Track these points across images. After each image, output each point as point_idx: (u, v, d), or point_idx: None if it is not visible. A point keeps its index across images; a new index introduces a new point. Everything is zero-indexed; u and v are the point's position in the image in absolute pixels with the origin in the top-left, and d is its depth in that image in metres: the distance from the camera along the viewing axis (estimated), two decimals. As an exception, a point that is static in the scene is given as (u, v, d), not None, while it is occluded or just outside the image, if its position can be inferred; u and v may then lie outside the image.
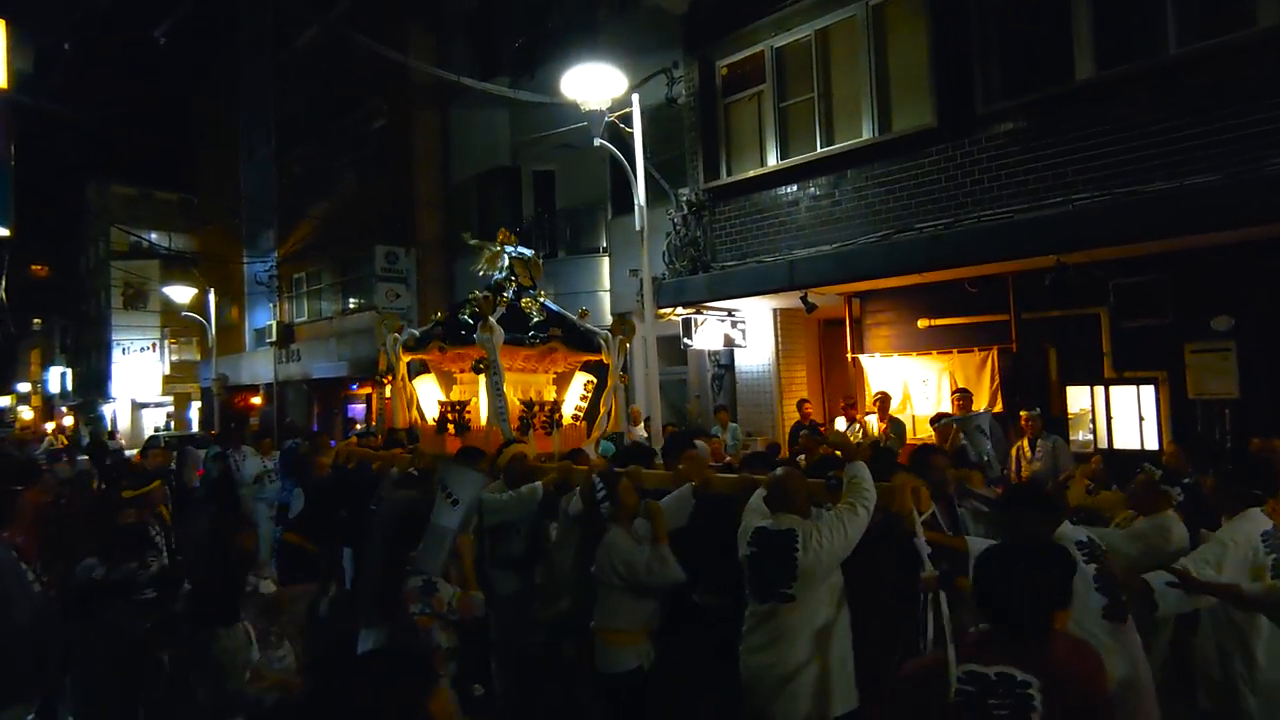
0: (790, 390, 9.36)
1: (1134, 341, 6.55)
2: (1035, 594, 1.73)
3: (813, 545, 2.78)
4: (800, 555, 2.78)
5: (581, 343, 5.54)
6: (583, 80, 7.48)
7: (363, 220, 15.11)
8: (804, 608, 2.81)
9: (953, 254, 6.76)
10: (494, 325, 4.91)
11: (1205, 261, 6.03)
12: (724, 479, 3.61)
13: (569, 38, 11.17)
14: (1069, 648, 1.77)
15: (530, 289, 5.65)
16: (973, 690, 1.70)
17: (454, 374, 5.66)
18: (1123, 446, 6.68)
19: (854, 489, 2.93)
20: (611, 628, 3.30)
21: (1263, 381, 5.94)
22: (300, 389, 18.21)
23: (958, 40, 6.89)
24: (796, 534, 2.82)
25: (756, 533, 2.93)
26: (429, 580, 3.14)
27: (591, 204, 11.56)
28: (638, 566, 3.19)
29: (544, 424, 5.34)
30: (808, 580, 2.78)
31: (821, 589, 2.83)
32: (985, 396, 7.19)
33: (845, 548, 2.82)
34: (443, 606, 3.09)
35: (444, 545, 3.21)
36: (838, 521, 2.85)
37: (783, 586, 2.80)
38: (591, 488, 3.47)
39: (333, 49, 15.44)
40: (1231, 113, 5.49)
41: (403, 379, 5.68)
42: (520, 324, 5.28)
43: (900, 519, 2.89)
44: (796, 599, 2.80)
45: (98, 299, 32.14)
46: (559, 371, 5.76)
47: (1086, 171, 6.13)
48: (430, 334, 5.53)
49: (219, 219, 21.80)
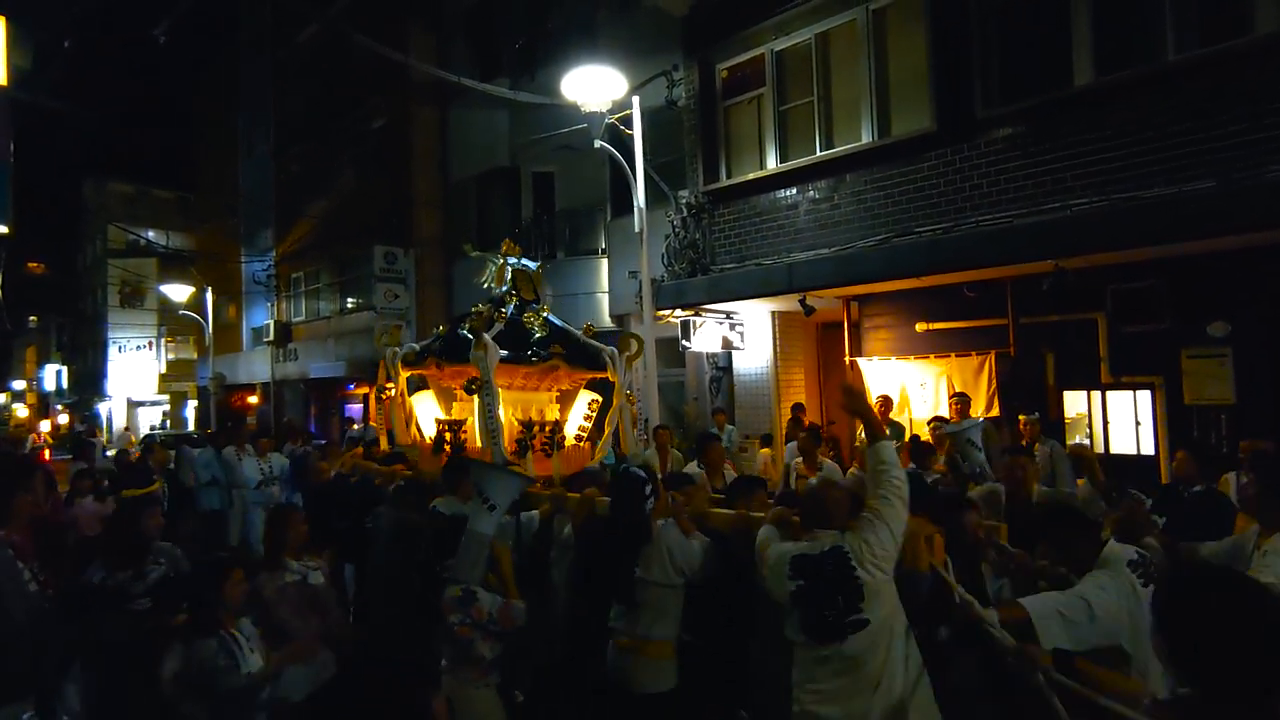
0: (788, 393, 9.37)
1: (1131, 347, 6.57)
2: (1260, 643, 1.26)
3: (868, 557, 2.40)
4: (861, 573, 2.38)
5: (585, 360, 5.27)
6: (583, 82, 7.49)
7: (361, 220, 15.09)
8: (877, 633, 2.38)
9: (951, 258, 6.78)
10: (488, 343, 4.68)
11: (1203, 267, 6.06)
12: (721, 515, 3.40)
13: (569, 39, 11.19)
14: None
15: (533, 303, 5.42)
16: None
17: (454, 390, 5.39)
18: (1119, 451, 6.70)
19: (880, 478, 2.51)
20: (653, 637, 3.08)
21: (1259, 387, 5.96)
22: (297, 388, 18.17)
23: (957, 45, 6.91)
24: (846, 550, 2.42)
25: (796, 562, 2.49)
26: (468, 589, 3.04)
27: (591, 205, 11.56)
28: (696, 560, 3.07)
29: (544, 445, 5.08)
30: (874, 599, 2.39)
31: (888, 607, 2.41)
32: (983, 401, 7.21)
33: (895, 549, 2.45)
34: (483, 616, 3.00)
35: (482, 552, 3.13)
36: (878, 523, 2.44)
37: (852, 614, 2.37)
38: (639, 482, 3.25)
39: (332, 48, 15.44)
40: (1230, 119, 5.51)
41: (401, 394, 5.47)
42: (520, 340, 5.05)
43: (920, 581, 2.50)
44: (871, 621, 2.37)
45: (94, 297, 32.07)
46: (562, 389, 5.50)
47: (1085, 177, 6.15)
48: (429, 349, 5.33)
49: (217, 217, 21.77)
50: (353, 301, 16.47)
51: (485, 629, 3.01)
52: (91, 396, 31.98)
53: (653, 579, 3.09)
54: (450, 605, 3.01)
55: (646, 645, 3.11)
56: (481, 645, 3.02)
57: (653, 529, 3.17)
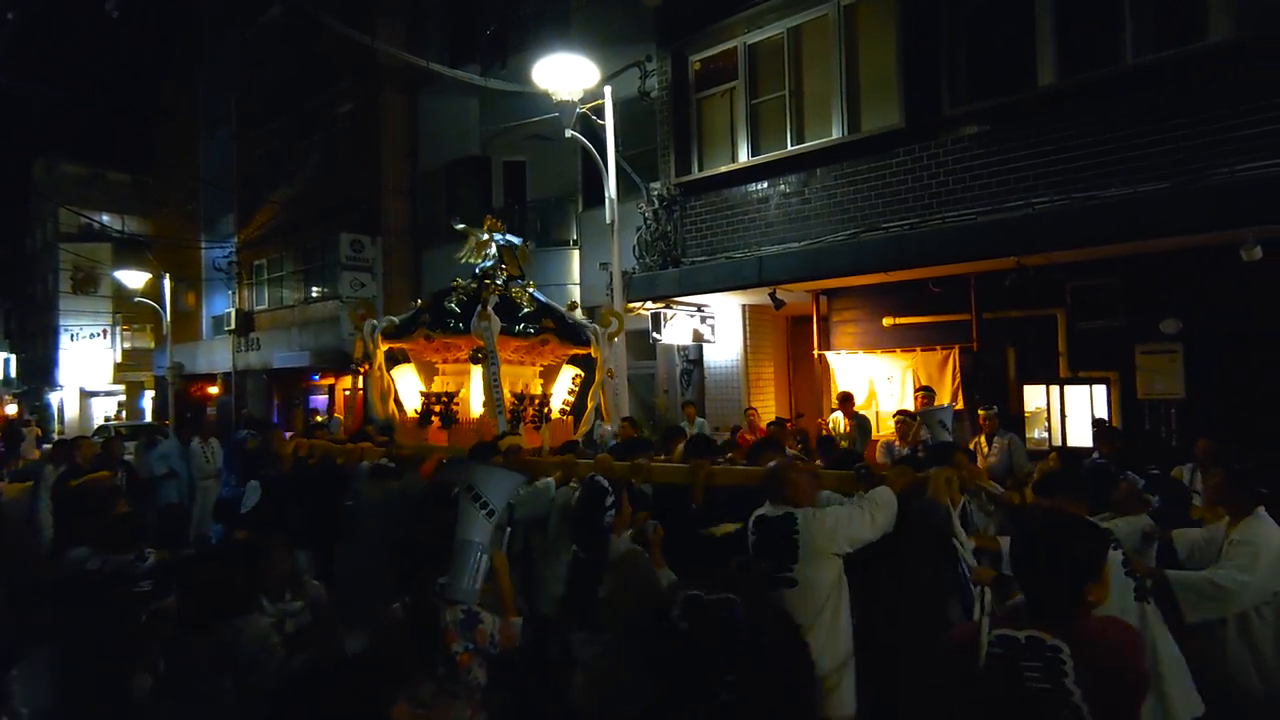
0: (758, 386, 9.44)
1: (1088, 343, 6.75)
2: (1068, 565, 1.74)
3: (813, 526, 2.74)
4: (800, 537, 2.73)
5: (571, 335, 5.40)
6: (555, 70, 7.41)
7: (327, 206, 14.77)
8: (805, 596, 2.70)
9: (917, 254, 6.89)
10: (492, 314, 4.76)
11: (1156, 266, 6.25)
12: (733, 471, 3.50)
13: (542, 26, 11.06)
14: (1102, 620, 1.76)
15: (519, 279, 5.50)
16: (1002, 652, 1.72)
17: (436, 364, 5.42)
18: (1076, 444, 6.89)
19: (874, 503, 2.88)
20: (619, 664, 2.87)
21: (1208, 382, 6.18)
22: (260, 379, 17.75)
23: (926, 43, 7.00)
24: (795, 517, 2.78)
25: (758, 520, 2.88)
26: (471, 611, 2.58)
27: (562, 196, 11.48)
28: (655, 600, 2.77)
29: (534, 418, 5.18)
30: (807, 565, 2.72)
31: (822, 575, 2.73)
32: (947, 394, 7.36)
33: (847, 537, 2.75)
34: (485, 640, 2.58)
35: (478, 565, 2.70)
36: (851, 510, 2.82)
37: (783, 571, 2.72)
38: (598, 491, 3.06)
39: (300, 28, 15.03)
40: (1181, 123, 5.68)
41: (379, 368, 5.40)
42: (511, 314, 5.12)
43: (936, 509, 2.86)
44: (798, 582, 2.71)
45: (45, 282, 30.84)
46: (546, 364, 5.60)
47: (1046, 175, 6.29)
48: (415, 321, 5.28)
49: (176, 201, 21.10)
50: (318, 290, 16.12)
51: (486, 653, 2.61)
52: (42, 386, 30.81)
53: (620, 609, 2.89)
54: (453, 632, 2.54)
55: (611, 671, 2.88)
56: (479, 671, 2.61)
57: (611, 548, 2.98)
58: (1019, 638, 1.72)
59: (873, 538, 2.80)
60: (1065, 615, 1.71)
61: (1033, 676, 1.67)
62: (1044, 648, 1.68)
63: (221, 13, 18.67)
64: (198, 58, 19.98)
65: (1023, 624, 1.74)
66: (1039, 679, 1.66)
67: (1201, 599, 2.89)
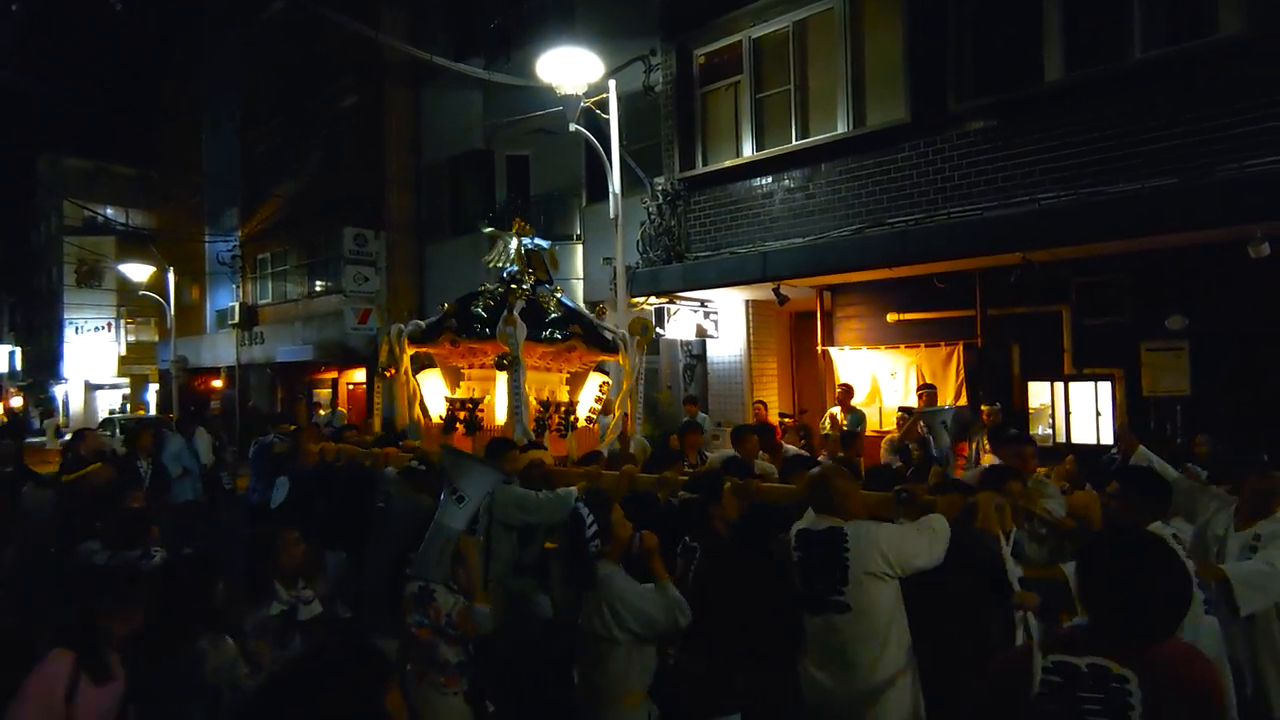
0: (761, 382, 9.43)
1: (1094, 339, 6.72)
2: (1163, 597, 1.54)
3: (865, 541, 2.48)
4: (850, 555, 2.48)
5: (600, 342, 5.30)
6: (559, 64, 7.39)
7: (331, 200, 14.77)
8: (861, 623, 2.48)
9: (922, 249, 6.86)
10: (518, 320, 4.68)
11: (1163, 263, 6.21)
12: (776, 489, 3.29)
13: (546, 20, 11.02)
14: (1174, 648, 1.56)
15: (546, 283, 5.38)
16: (1059, 681, 1.53)
17: (462, 369, 5.35)
18: (1080, 441, 6.87)
19: (931, 529, 2.66)
20: (623, 692, 2.69)
21: (1214, 379, 6.15)
22: (263, 373, 17.79)
23: (932, 37, 6.95)
24: (844, 532, 2.51)
25: (800, 535, 2.63)
26: (426, 587, 2.75)
27: (566, 190, 11.45)
28: (654, 617, 2.62)
29: (559, 426, 5.08)
30: (859, 590, 2.48)
31: (878, 598, 2.49)
32: (951, 391, 7.33)
33: (899, 560, 2.51)
34: (440, 618, 2.71)
35: (446, 548, 2.86)
36: (907, 529, 2.61)
37: (835, 595, 2.49)
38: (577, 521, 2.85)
39: (303, 22, 15.00)
40: (1189, 118, 5.63)
41: (406, 373, 5.31)
42: (538, 319, 5.01)
43: (983, 538, 2.67)
44: (851, 607, 2.48)
45: (50, 276, 30.97)
46: (573, 371, 5.50)
47: (1053, 171, 6.25)
48: (441, 326, 5.20)
49: (180, 195, 21.13)
50: (321, 284, 16.15)
51: (444, 632, 2.74)
52: (47, 379, 30.93)
53: (593, 630, 2.71)
54: (408, 603, 2.76)
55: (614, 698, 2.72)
56: (445, 649, 2.74)
57: (595, 573, 2.77)
58: (1079, 665, 1.53)
59: (927, 566, 2.57)
60: (1143, 646, 1.52)
61: (1092, 710, 1.50)
62: (1109, 678, 1.50)
63: (224, 9, 18.66)
64: (201, 54, 19.97)
65: (1083, 650, 1.55)
66: (1100, 711, 1.49)
67: (1254, 590, 2.74)
